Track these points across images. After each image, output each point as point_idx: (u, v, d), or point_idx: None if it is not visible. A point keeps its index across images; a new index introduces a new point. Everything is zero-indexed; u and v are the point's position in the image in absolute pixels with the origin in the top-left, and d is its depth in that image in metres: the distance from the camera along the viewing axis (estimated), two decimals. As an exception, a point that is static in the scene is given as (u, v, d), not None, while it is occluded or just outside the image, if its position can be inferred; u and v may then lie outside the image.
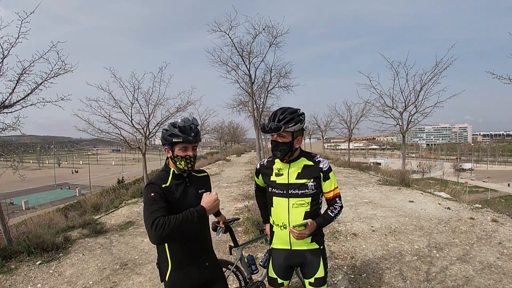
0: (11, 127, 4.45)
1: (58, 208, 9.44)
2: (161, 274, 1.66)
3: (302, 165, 1.80)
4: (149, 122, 9.26)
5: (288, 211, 1.78)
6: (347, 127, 16.69)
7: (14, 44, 4.09)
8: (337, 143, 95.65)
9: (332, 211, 1.80)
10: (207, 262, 1.74)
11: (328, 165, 1.81)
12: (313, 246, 1.83)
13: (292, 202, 1.77)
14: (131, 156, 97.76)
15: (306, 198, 1.77)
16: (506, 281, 3.31)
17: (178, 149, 1.62)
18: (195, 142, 1.64)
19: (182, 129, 1.59)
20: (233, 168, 16.95)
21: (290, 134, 1.71)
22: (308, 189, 1.76)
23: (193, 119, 1.65)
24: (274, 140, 1.75)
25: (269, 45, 10.03)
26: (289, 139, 1.72)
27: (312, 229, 1.69)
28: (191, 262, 1.66)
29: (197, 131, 1.65)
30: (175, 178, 1.67)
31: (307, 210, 1.76)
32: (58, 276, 3.77)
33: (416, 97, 9.83)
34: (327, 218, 1.80)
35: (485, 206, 6.72)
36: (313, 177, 1.76)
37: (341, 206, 1.83)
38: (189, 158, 1.64)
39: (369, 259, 3.98)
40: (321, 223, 1.75)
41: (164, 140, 1.64)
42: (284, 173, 1.81)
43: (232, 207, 6.99)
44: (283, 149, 1.73)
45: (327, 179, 1.79)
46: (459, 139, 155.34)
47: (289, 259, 1.84)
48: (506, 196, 33.03)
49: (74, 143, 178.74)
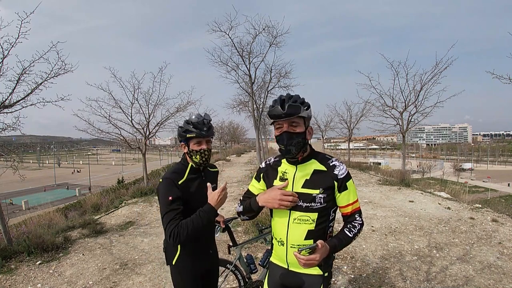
0: (11, 127, 4.45)
1: (58, 208, 9.43)
2: (168, 258, 1.75)
3: (312, 170, 1.41)
4: (149, 122, 9.27)
5: (288, 226, 1.43)
6: (347, 127, 16.72)
7: (14, 44, 4.09)
8: (337, 143, 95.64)
9: (350, 230, 1.41)
10: (211, 250, 1.86)
11: (346, 172, 1.41)
12: (314, 271, 1.44)
13: (294, 216, 1.41)
14: (131, 156, 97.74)
15: (311, 214, 1.38)
16: (506, 281, 3.30)
17: (193, 143, 1.69)
18: (208, 136, 1.71)
19: (195, 125, 1.67)
20: (233, 168, 16.95)
21: (303, 121, 1.38)
22: (316, 202, 1.37)
23: (205, 115, 1.72)
24: (287, 131, 1.35)
25: (269, 45, 10.03)
26: (303, 129, 1.37)
27: (324, 254, 1.33)
28: (198, 249, 1.75)
29: (210, 126, 1.72)
30: (192, 172, 1.74)
31: (311, 228, 1.39)
32: (58, 276, 3.77)
33: (416, 97, 9.85)
34: (344, 239, 1.40)
35: (485, 206, 6.73)
36: (324, 187, 1.37)
37: (361, 224, 1.45)
38: (203, 152, 1.70)
39: (369, 259, 3.98)
40: (335, 245, 1.38)
41: (180, 137, 1.73)
42: (289, 177, 1.44)
43: (232, 207, 7.00)
44: (298, 142, 1.36)
45: (343, 190, 1.40)
46: (459, 139, 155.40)
47: (285, 279, 1.51)
48: (506, 196, 33.01)
49: (74, 143, 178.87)
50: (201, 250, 1.78)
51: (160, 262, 4.02)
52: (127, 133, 9.23)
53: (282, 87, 11.50)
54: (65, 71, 4.73)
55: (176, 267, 1.71)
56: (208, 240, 1.86)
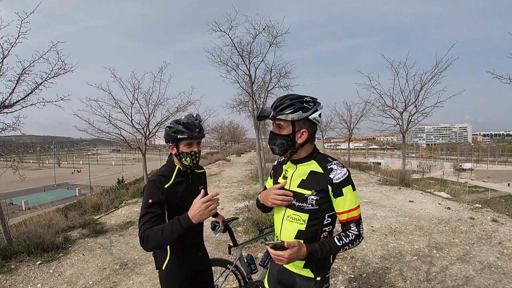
0: (11, 127, 4.45)
1: (58, 208, 9.42)
2: (158, 262, 1.73)
3: (309, 170, 1.40)
4: (149, 122, 9.26)
5: (282, 222, 1.44)
6: (347, 127, 16.70)
7: (14, 44, 4.09)
8: (337, 143, 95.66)
9: (340, 239, 1.35)
10: (200, 252, 1.84)
11: (344, 177, 1.34)
12: (304, 272, 1.41)
13: (288, 213, 1.42)
14: (131, 156, 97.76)
15: (302, 214, 1.37)
16: (506, 281, 3.31)
17: (183, 145, 1.62)
18: (200, 138, 1.65)
19: (187, 125, 1.60)
20: (233, 168, 16.94)
21: (290, 124, 1.36)
22: (307, 203, 1.35)
23: (196, 115, 1.66)
24: (272, 131, 1.42)
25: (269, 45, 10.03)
26: (289, 131, 1.37)
27: (297, 256, 1.27)
28: (187, 252, 1.73)
29: (201, 127, 1.66)
30: (179, 175, 1.67)
31: (301, 229, 1.38)
32: (58, 276, 3.77)
33: (416, 97, 9.84)
34: (329, 246, 1.33)
35: (485, 206, 6.73)
36: (316, 190, 1.35)
37: (357, 235, 1.36)
38: (194, 154, 1.64)
39: (369, 259, 3.98)
40: (316, 251, 1.31)
41: (168, 137, 1.63)
42: (288, 175, 1.47)
43: (232, 207, 6.99)
44: (281, 143, 1.38)
45: (338, 196, 1.34)
46: (459, 139, 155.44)
47: (281, 275, 1.52)
48: (506, 196, 32.98)
49: (74, 143, 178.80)
50: (191, 253, 1.75)
51: (160, 262, 4.02)
52: (127, 133, 9.21)
53: (282, 87, 11.49)
54: (65, 71, 4.72)
55: (165, 271, 1.68)
56: (196, 243, 1.82)
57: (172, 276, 1.68)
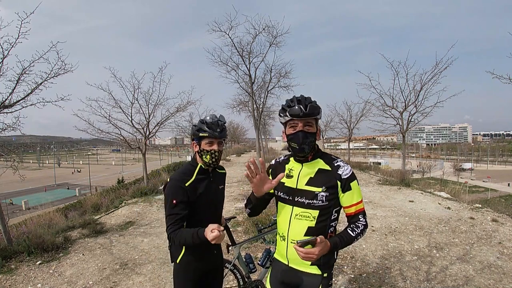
0: (11, 127, 4.45)
1: (58, 208, 9.42)
2: (173, 257, 1.77)
3: (317, 168, 1.46)
4: (149, 122, 9.27)
5: (289, 221, 1.47)
6: (347, 127, 16.71)
7: (14, 44, 4.09)
8: (337, 143, 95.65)
9: (353, 230, 1.42)
10: (215, 250, 1.88)
11: (350, 173, 1.45)
12: (312, 270, 1.46)
13: (296, 212, 1.45)
14: (131, 156, 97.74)
15: (313, 211, 1.42)
16: (506, 281, 3.31)
17: (205, 143, 1.70)
18: (221, 138, 1.72)
19: (209, 125, 1.69)
20: (233, 168, 16.94)
21: (315, 122, 1.45)
22: (318, 200, 1.41)
23: (220, 116, 1.75)
24: (302, 130, 1.40)
25: (269, 45, 10.03)
26: (314, 129, 1.44)
27: (324, 250, 1.32)
28: (203, 248, 1.75)
29: (223, 128, 1.74)
30: (201, 173, 1.75)
31: (311, 225, 1.43)
32: (58, 276, 3.77)
33: (416, 97, 9.85)
34: (346, 238, 1.41)
35: (485, 206, 6.73)
36: (327, 186, 1.41)
37: (365, 225, 1.45)
38: (214, 153, 1.71)
39: (369, 259, 3.98)
40: (336, 243, 1.38)
41: (193, 135, 1.75)
42: (294, 174, 1.49)
43: (232, 207, 7.00)
44: (311, 141, 1.42)
45: (347, 190, 1.43)
46: (459, 139, 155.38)
47: (285, 276, 1.53)
48: (506, 196, 32.98)
49: (74, 143, 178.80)
50: (206, 250, 1.78)
51: (160, 262, 4.02)
52: (127, 133, 9.24)
53: (282, 87, 11.52)
54: (65, 71, 4.73)
55: (180, 265, 1.73)
56: None
57: (186, 270, 1.73)
